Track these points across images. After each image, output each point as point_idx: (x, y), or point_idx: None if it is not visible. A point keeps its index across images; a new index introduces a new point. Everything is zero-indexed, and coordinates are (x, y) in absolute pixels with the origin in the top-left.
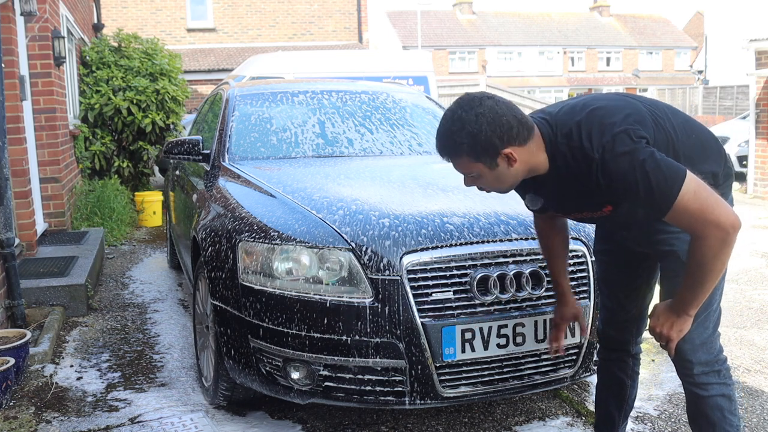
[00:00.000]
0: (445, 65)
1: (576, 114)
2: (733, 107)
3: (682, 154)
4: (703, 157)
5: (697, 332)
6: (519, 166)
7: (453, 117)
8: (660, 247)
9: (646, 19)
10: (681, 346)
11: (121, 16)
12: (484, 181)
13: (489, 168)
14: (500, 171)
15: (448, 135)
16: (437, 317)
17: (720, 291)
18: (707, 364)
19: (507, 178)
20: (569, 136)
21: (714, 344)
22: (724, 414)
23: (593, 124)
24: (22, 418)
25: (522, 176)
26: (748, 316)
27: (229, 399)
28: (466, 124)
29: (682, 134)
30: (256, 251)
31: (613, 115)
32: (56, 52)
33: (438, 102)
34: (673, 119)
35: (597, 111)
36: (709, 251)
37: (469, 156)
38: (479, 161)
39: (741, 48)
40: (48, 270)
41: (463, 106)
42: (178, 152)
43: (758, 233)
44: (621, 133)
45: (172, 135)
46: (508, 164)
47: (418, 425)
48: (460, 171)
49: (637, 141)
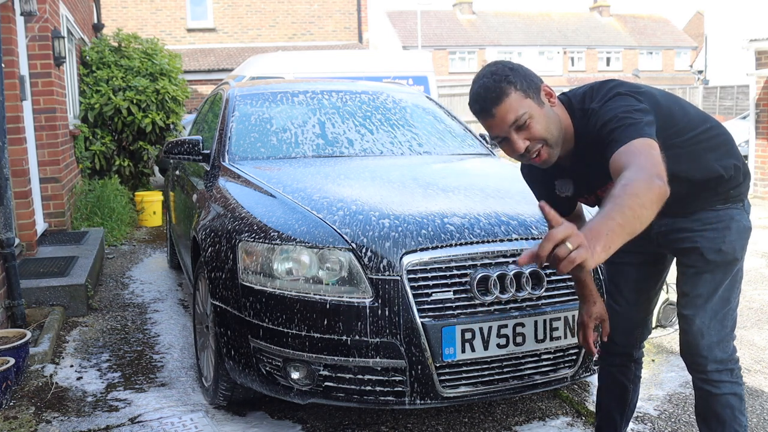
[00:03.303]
0: (445, 65)
1: (593, 85)
2: (733, 107)
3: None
4: (719, 148)
5: (716, 329)
6: (558, 111)
7: (490, 70)
8: (681, 245)
9: (646, 19)
10: (698, 341)
11: (121, 16)
12: (536, 123)
13: (537, 105)
14: (547, 110)
15: (493, 80)
16: (437, 317)
17: (738, 290)
18: (722, 362)
19: (554, 120)
20: (582, 101)
21: (730, 343)
22: (734, 413)
23: (604, 88)
24: (22, 418)
25: (562, 130)
26: (748, 316)
27: (229, 399)
28: (507, 69)
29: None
30: (256, 251)
31: (626, 85)
32: (56, 52)
33: (438, 102)
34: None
35: (611, 81)
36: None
37: (519, 92)
38: (528, 96)
39: (741, 48)
40: (48, 270)
41: (493, 65)
42: (178, 152)
43: (758, 233)
44: (626, 95)
45: (172, 135)
46: (551, 102)
47: (418, 425)
48: (510, 117)
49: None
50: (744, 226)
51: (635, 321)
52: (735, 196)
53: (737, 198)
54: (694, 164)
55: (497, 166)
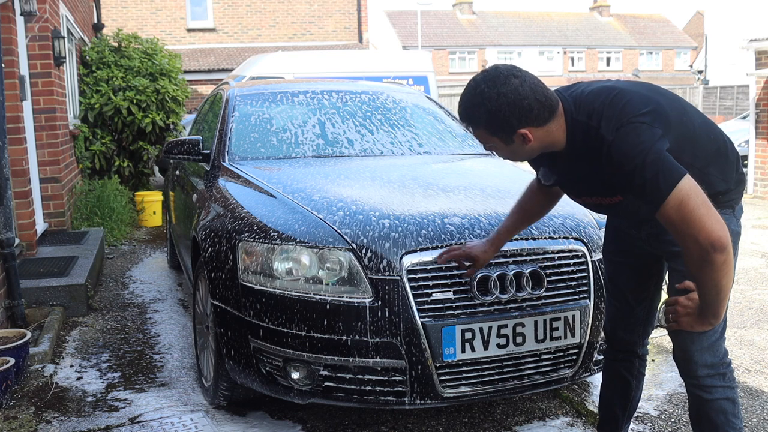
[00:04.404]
0: (445, 65)
1: (601, 96)
2: (733, 107)
3: (701, 154)
4: (719, 159)
5: (706, 335)
6: (534, 144)
7: (475, 91)
8: (670, 248)
9: (646, 19)
10: (688, 346)
11: (121, 16)
12: (499, 153)
13: (504, 143)
14: (515, 147)
15: (469, 107)
16: (437, 317)
17: None
18: (713, 366)
19: (521, 153)
20: (590, 117)
21: (720, 347)
22: (727, 417)
23: (615, 109)
24: (22, 418)
25: (537, 153)
26: (748, 316)
27: (229, 399)
28: (486, 101)
29: (703, 133)
30: (256, 251)
31: (637, 106)
32: (56, 52)
33: (438, 102)
34: (694, 118)
35: (622, 97)
36: (692, 263)
37: (486, 130)
38: (495, 136)
39: (741, 48)
40: (48, 270)
41: (487, 81)
42: (178, 152)
43: (758, 233)
44: (639, 124)
45: (172, 135)
46: (524, 142)
47: (418, 425)
48: (477, 140)
49: (651, 135)
50: (732, 231)
51: (637, 318)
52: (725, 201)
53: (727, 204)
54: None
55: (497, 166)
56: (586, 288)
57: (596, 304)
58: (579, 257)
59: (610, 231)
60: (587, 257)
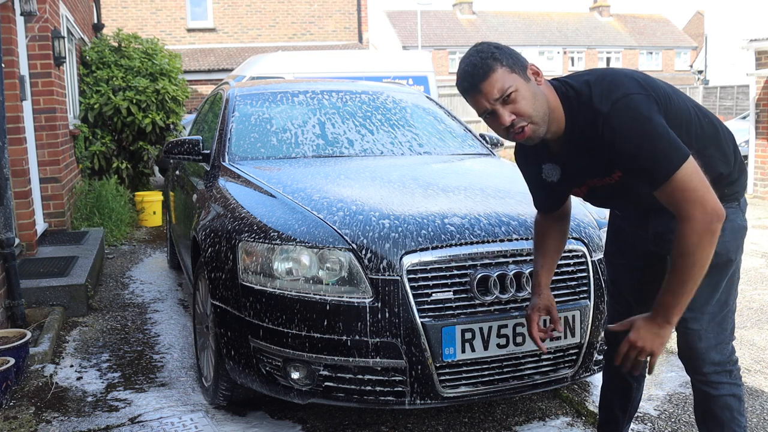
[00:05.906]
0: (445, 65)
1: (589, 75)
2: (733, 107)
3: (698, 135)
4: (717, 141)
5: (715, 332)
6: (546, 90)
7: (476, 49)
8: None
9: (646, 19)
10: (696, 344)
11: (121, 16)
12: (521, 98)
13: (524, 80)
14: (533, 86)
15: (480, 58)
16: (437, 317)
17: (735, 292)
18: (720, 364)
19: (540, 98)
20: (580, 92)
21: (728, 345)
22: (733, 414)
23: (605, 82)
24: (22, 418)
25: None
26: (748, 316)
27: (229, 399)
28: (493, 48)
29: (696, 117)
30: (256, 251)
31: (627, 79)
32: (56, 52)
33: (438, 102)
34: (687, 101)
35: (611, 74)
36: (694, 235)
37: (505, 67)
38: (514, 72)
39: (741, 48)
40: (48, 270)
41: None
42: (178, 152)
43: (758, 233)
44: (634, 95)
45: (172, 135)
46: (537, 81)
47: (418, 425)
48: (496, 91)
49: (649, 107)
50: (738, 225)
51: None
52: (730, 194)
53: (732, 197)
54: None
55: (497, 166)
56: (586, 288)
57: (596, 304)
58: (579, 257)
59: (612, 233)
60: (587, 257)
